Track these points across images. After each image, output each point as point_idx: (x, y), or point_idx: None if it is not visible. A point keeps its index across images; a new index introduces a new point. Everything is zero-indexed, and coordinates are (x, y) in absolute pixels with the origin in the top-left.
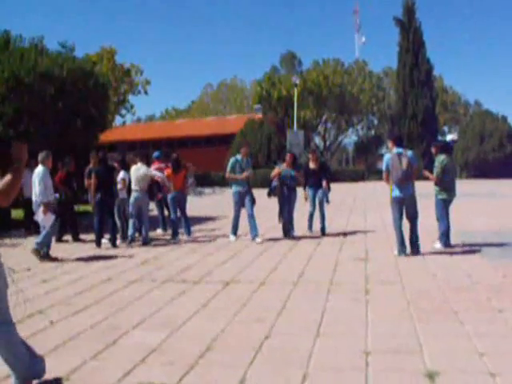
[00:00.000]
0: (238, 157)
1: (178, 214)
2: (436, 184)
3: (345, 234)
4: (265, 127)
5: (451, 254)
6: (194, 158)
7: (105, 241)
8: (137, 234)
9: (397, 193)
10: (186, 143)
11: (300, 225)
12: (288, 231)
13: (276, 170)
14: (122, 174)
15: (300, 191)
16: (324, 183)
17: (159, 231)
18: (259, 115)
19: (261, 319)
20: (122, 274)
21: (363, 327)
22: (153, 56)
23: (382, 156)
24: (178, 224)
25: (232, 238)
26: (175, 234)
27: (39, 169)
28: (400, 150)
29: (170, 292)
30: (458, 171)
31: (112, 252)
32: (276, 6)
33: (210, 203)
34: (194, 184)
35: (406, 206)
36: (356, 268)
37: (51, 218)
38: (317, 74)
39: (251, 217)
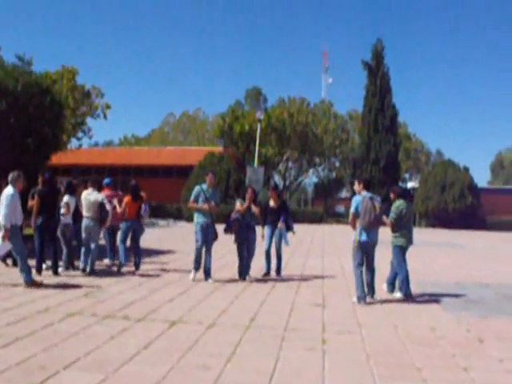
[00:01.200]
0: (204, 186)
1: (128, 243)
2: (392, 230)
3: (301, 277)
4: (224, 161)
5: (412, 304)
6: (151, 187)
7: (44, 266)
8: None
9: (364, 237)
10: (143, 172)
11: (255, 265)
12: (244, 273)
13: (239, 206)
14: (65, 198)
15: (258, 229)
16: (279, 224)
17: (106, 261)
18: (220, 148)
19: (207, 366)
20: (60, 306)
21: (319, 383)
22: (115, 81)
23: (341, 199)
24: (128, 254)
25: (193, 274)
26: (124, 264)
27: (8, 190)
28: (369, 193)
29: (111, 329)
30: (417, 219)
31: (53, 280)
32: (244, 42)
33: (163, 236)
34: (147, 213)
35: (367, 252)
36: (312, 314)
37: (8, 245)
38: (281, 111)
39: (208, 254)
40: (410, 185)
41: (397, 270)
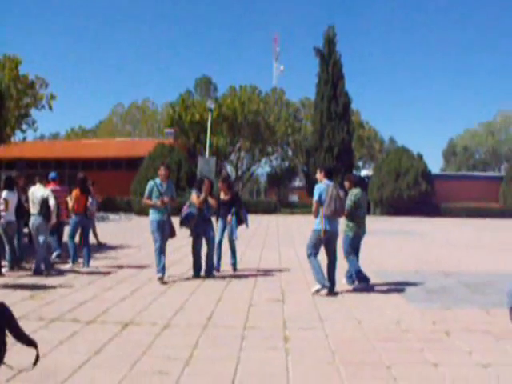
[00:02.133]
0: (157, 180)
1: (76, 240)
2: (347, 219)
3: (258, 272)
4: (175, 152)
5: (373, 296)
6: (100, 181)
7: None
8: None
9: (326, 226)
10: (91, 165)
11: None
12: (209, 270)
13: (195, 197)
14: (3, 194)
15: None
16: (228, 217)
17: (55, 255)
18: (170, 139)
19: (164, 371)
20: None
21: None
22: (60, 71)
23: (294, 189)
24: (76, 251)
25: (159, 275)
26: (73, 261)
27: None
28: (332, 182)
29: (59, 333)
30: (372, 207)
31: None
32: (193, 29)
33: (114, 230)
34: (94, 206)
35: (328, 242)
36: (272, 310)
37: None
38: (232, 100)
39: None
40: (363, 173)
41: (348, 261)
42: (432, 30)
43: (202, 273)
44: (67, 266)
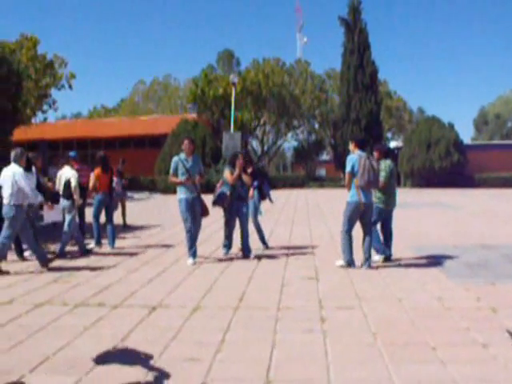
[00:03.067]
0: (182, 155)
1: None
2: (379, 190)
3: (289, 248)
4: (199, 128)
5: (412, 271)
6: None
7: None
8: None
9: (361, 198)
10: (114, 144)
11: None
12: (247, 251)
13: (229, 174)
14: None
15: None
16: (250, 191)
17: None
18: (193, 115)
19: (195, 358)
20: (27, 295)
21: (324, 371)
22: (80, 50)
23: (322, 162)
24: (101, 231)
25: (191, 260)
26: (97, 242)
27: (15, 168)
28: (364, 152)
29: (83, 319)
30: (402, 180)
31: (19, 266)
32: (214, 2)
33: (138, 209)
34: (119, 185)
35: (364, 215)
36: (306, 289)
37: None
38: (256, 73)
39: (195, 232)
40: (393, 144)
41: (373, 233)
42: None
43: (231, 251)
44: (90, 246)
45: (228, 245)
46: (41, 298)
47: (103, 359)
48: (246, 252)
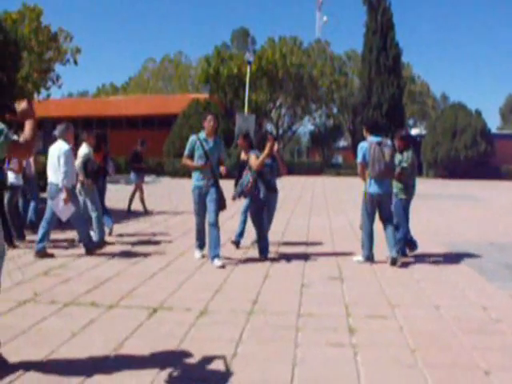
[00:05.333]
0: (202, 135)
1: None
2: (401, 181)
3: (308, 243)
4: (211, 109)
5: (447, 273)
6: (130, 140)
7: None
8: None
9: (375, 189)
10: (121, 123)
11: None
12: (265, 249)
13: (254, 159)
14: None
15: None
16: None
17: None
18: (205, 95)
19: (202, 378)
20: (11, 290)
21: None
22: (88, 26)
23: (339, 149)
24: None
25: (197, 254)
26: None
27: (61, 145)
28: (378, 138)
29: (72, 322)
30: (424, 169)
31: (9, 254)
32: None
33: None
34: (112, 169)
35: (381, 206)
36: (330, 292)
37: (71, 209)
38: (273, 52)
39: (213, 226)
40: (414, 132)
41: (398, 225)
42: None
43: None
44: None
45: (264, 246)
46: (26, 294)
47: (89, 375)
48: (263, 252)
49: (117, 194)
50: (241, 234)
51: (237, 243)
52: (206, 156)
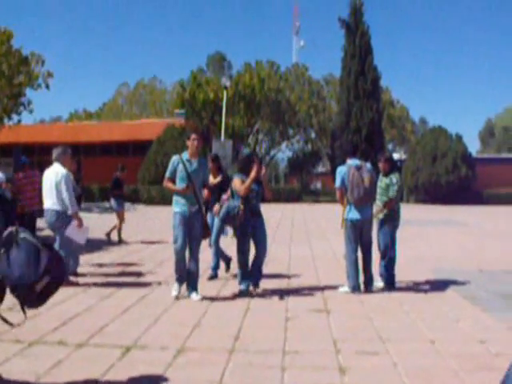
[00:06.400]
0: (185, 155)
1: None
2: (389, 208)
3: (289, 273)
4: (187, 135)
5: (438, 303)
6: (103, 167)
7: None
8: None
9: (355, 214)
10: (94, 150)
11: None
12: (256, 279)
13: (238, 183)
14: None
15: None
16: (215, 206)
17: None
18: (181, 121)
19: None
20: None
21: None
22: (60, 51)
23: (318, 175)
24: None
25: (176, 288)
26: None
27: (59, 169)
28: (356, 161)
29: (37, 363)
30: (405, 195)
31: None
32: (203, 4)
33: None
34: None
35: (362, 232)
36: (316, 326)
37: (87, 230)
38: (250, 77)
39: (193, 257)
40: (394, 156)
41: (385, 253)
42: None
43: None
44: None
45: (246, 276)
46: None
47: None
48: (254, 281)
49: (90, 222)
50: (216, 267)
51: (214, 277)
52: (189, 178)
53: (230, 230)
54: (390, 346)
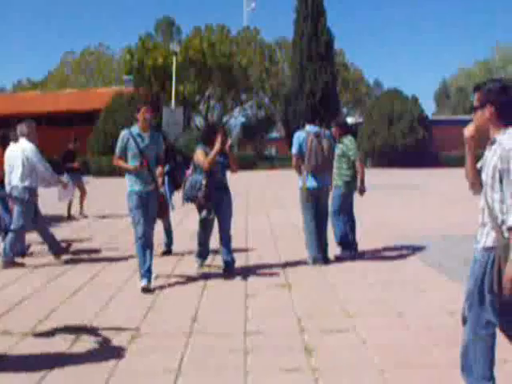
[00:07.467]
0: (134, 129)
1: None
2: (350, 171)
3: (248, 245)
4: (136, 103)
5: (403, 272)
6: (49, 138)
7: None
8: None
9: (312, 183)
10: (40, 121)
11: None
12: (230, 264)
13: (201, 156)
14: None
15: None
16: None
17: None
18: (129, 88)
19: None
20: None
21: None
22: (1, 18)
23: (272, 141)
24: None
25: (144, 282)
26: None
27: (26, 145)
28: (316, 128)
29: None
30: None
31: None
32: None
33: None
34: None
35: (317, 201)
36: (278, 302)
37: (71, 186)
38: (200, 42)
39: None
40: (349, 120)
41: (334, 222)
42: None
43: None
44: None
45: (204, 254)
46: None
47: None
48: (229, 265)
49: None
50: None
51: (167, 252)
52: (142, 155)
53: (173, 202)
54: (357, 322)
